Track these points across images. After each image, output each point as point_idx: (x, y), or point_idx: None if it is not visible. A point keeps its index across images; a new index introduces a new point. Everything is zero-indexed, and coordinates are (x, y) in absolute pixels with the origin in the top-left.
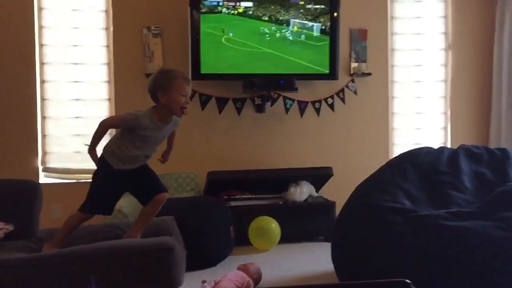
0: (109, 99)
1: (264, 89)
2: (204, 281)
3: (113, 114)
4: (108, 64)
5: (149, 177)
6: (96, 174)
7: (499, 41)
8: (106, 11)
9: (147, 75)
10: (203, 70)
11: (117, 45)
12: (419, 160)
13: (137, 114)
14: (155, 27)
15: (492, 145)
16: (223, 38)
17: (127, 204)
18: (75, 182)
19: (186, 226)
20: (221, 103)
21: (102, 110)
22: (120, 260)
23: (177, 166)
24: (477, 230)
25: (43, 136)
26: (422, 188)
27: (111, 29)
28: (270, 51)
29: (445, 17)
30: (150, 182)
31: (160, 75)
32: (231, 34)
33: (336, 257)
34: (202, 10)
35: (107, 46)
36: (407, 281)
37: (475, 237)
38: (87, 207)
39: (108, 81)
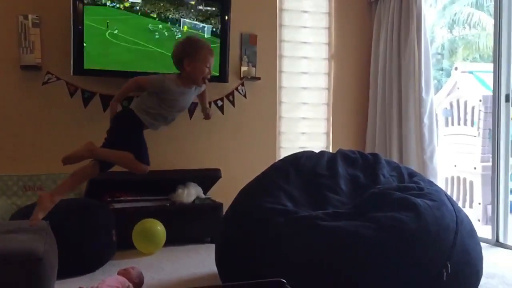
0: None
1: None
2: None
3: None
4: None
5: None
6: (123, 128)
7: (375, 55)
8: None
9: (23, 67)
10: (87, 66)
11: None
12: (301, 163)
13: (164, 76)
14: (36, 16)
15: (368, 150)
16: (107, 33)
17: None
18: None
19: (63, 230)
20: (106, 100)
21: None
22: None
23: (56, 166)
24: (349, 230)
25: None
26: (303, 190)
27: None
28: (159, 50)
29: (328, 28)
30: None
31: (188, 43)
32: (116, 30)
33: (219, 259)
34: (85, 1)
35: None
36: (283, 280)
37: (348, 236)
38: (140, 156)
39: None
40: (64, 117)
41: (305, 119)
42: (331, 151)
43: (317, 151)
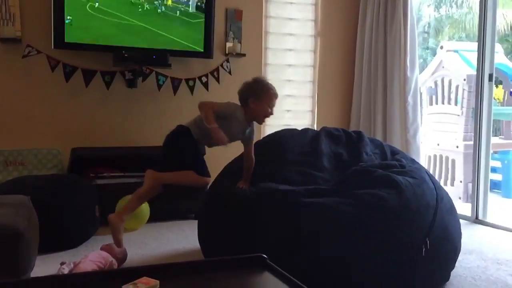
0: None
1: (136, 63)
2: (62, 263)
3: None
4: None
5: None
6: (181, 146)
7: (361, 32)
8: None
9: (3, 40)
10: (68, 39)
11: None
12: (284, 141)
13: (236, 105)
14: None
15: (352, 128)
16: (88, 5)
17: None
18: None
19: (45, 206)
20: (88, 75)
21: None
22: None
23: (38, 140)
24: (331, 206)
25: None
26: (286, 167)
27: None
28: (142, 24)
29: (315, 5)
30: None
31: (256, 83)
32: (96, 2)
33: (201, 235)
34: None
35: None
36: (264, 255)
37: (329, 213)
38: (202, 171)
39: None
40: (45, 91)
41: (290, 97)
42: (316, 129)
43: (301, 128)
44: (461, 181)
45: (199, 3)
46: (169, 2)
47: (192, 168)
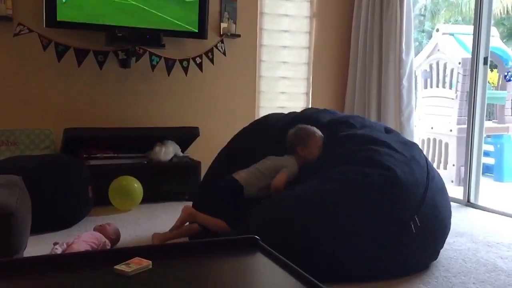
0: None
1: (129, 43)
2: (55, 243)
3: None
4: None
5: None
6: (226, 199)
7: (357, 14)
8: None
9: None
10: (60, 18)
11: None
12: (269, 124)
13: (294, 162)
14: None
15: (347, 109)
16: None
17: None
18: None
19: (38, 186)
20: (81, 55)
21: None
22: None
23: (30, 121)
24: (314, 184)
25: None
26: (275, 152)
27: None
28: (136, 3)
29: None
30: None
31: (300, 131)
32: None
33: None
34: None
35: None
36: (256, 237)
37: (314, 191)
38: (234, 225)
39: None
40: (37, 71)
41: (285, 79)
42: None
43: (297, 110)
44: (454, 165)
45: None
46: None
47: (226, 220)
